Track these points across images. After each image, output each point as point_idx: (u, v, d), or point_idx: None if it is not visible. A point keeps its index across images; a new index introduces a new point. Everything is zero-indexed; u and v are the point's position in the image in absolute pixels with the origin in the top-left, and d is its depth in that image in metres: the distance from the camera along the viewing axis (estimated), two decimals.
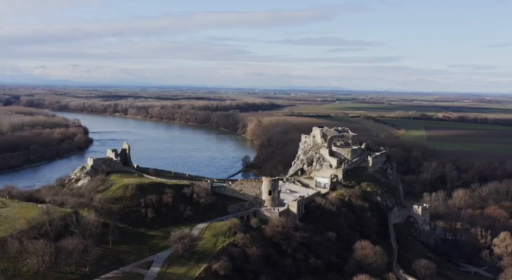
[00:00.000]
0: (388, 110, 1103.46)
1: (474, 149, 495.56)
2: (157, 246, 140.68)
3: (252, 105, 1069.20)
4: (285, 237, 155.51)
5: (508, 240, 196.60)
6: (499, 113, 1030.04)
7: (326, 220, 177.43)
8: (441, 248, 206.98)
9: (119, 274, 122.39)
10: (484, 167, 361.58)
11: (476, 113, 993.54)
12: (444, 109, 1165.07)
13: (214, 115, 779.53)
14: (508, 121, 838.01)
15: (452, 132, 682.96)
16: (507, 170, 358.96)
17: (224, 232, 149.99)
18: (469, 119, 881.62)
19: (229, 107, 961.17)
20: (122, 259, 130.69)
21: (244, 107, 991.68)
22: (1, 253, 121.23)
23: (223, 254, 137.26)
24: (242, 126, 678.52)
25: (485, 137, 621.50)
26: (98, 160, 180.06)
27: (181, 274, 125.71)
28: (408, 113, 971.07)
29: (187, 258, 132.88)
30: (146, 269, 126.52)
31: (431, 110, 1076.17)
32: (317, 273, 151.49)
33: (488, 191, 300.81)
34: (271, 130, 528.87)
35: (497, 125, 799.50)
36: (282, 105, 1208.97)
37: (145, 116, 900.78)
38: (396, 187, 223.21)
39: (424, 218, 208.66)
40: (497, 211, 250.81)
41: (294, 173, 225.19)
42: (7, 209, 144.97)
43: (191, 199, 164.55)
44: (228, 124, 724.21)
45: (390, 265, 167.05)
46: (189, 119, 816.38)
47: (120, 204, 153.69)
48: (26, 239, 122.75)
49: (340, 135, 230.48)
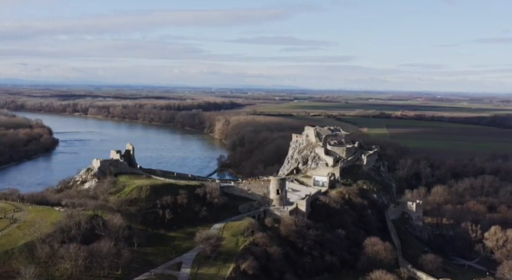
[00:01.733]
0: (346, 108, 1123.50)
1: (438, 147, 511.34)
2: (180, 247, 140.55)
3: (213, 104, 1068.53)
4: (299, 236, 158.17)
5: (499, 233, 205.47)
6: (453, 111, 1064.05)
7: (332, 218, 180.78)
8: (435, 243, 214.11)
9: (152, 276, 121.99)
10: (455, 164, 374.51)
11: (430, 111, 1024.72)
12: (400, 107, 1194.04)
13: (178, 115, 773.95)
14: (463, 119, 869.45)
15: (412, 130, 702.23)
16: (477, 166, 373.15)
17: (242, 231, 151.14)
18: (426, 118, 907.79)
19: (191, 107, 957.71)
20: (150, 261, 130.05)
21: (206, 107, 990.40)
22: (30, 258, 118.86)
23: (246, 253, 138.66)
24: (209, 125, 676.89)
25: (446, 135, 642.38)
26: (105, 162, 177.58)
27: (212, 274, 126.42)
28: (368, 112, 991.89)
29: (214, 258, 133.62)
30: (176, 270, 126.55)
31: (388, 109, 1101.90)
32: (333, 270, 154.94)
33: (464, 187, 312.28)
34: (242, 130, 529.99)
35: (453, 123, 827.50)
36: (242, 104, 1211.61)
37: (107, 116, 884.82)
38: (389, 184, 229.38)
39: (418, 214, 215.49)
40: (476, 206, 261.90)
41: (290, 172, 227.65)
42: (22, 213, 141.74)
43: (204, 199, 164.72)
44: (193, 123, 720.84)
45: (396, 261, 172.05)
46: (153, 119, 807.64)
47: (136, 206, 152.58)
48: (55, 243, 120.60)
49: (333, 134, 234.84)
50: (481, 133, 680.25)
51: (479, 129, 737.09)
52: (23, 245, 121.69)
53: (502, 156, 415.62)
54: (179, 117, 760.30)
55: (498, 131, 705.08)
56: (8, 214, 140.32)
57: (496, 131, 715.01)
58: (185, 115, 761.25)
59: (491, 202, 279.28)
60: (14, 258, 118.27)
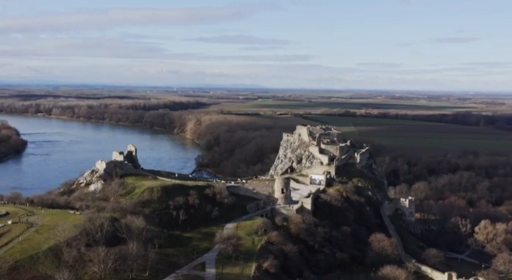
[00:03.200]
0: (311, 107, 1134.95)
1: (407, 145, 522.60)
2: (198, 247, 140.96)
3: (179, 104, 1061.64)
4: (310, 233, 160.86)
5: (489, 227, 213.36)
6: (414, 109, 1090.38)
7: (335, 216, 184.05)
8: (427, 237, 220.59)
9: (179, 277, 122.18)
10: (430, 161, 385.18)
11: (393, 109, 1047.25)
12: (363, 105, 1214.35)
13: (147, 115, 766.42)
14: (426, 117, 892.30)
15: (378, 128, 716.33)
16: (451, 163, 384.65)
17: (255, 231, 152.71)
18: (391, 115, 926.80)
19: (157, 106, 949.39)
20: (174, 262, 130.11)
21: (172, 106, 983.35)
22: (57, 262, 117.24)
23: (264, 252, 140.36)
24: (180, 125, 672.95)
25: (411, 132, 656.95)
26: (110, 163, 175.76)
27: (237, 274, 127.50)
28: (333, 110, 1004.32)
29: (236, 258, 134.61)
30: (202, 271, 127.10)
31: (351, 107, 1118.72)
32: (344, 266, 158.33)
33: (443, 183, 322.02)
34: (216, 129, 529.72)
35: (416, 121, 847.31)
36: (207, 103, 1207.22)
37: (72, 116, 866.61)
38: (381, 181, 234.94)
39: (410, 210, 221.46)
40: (457, 201, 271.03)
41: (285, 172, 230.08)
42: (36, 217, 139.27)
43: (214, 199, 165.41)
44: (163, 123, 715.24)
45: (399, 256, 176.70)
46: (120, 119, 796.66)
47: (149, 207, 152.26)
48: (82, 246, 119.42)
49: (326, 133, 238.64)
50: (444, 130, 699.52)
51: (443, 126, 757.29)
52: (47, 249, 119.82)
53: (472, 152, 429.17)
54: (148, 117, 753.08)
55: (461, 128, 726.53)
56: (21, 218, 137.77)
57: (459, 128, 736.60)
58: (154, 115, 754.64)
59: (470, 197, 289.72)
60: (40, 262, 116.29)
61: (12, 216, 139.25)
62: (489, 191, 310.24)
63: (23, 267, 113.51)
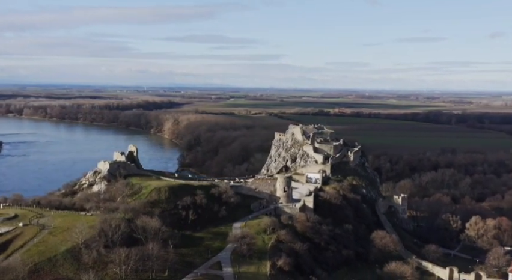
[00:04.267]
0: (284, 106, 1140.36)
1: (384, 143, 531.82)
2: (211, 246, 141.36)
3: (152, 103, 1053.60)
4: (315, 231, 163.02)
5: (480, 223, 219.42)
6: (386, 108, 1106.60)
7: (335, 213, 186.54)
8: (420, 234, 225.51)
9: (198, 277, 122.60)
10: (412, 159, 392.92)
11: (366, 108, 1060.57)
12: (335, 104, 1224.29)
13: (122, 114, 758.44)
14: (400, 115, 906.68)
15: (353, 126, 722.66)
16: (432, 160, 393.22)
17: (263, 229, 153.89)
18: (364, 114, 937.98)
19: (130, 106, 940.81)
20: (190, 262, 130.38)
21: (146, 106, 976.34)
22: (76, 264, 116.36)
23: (276, 251, 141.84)
24: (157, 125, 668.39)
25: (386, 131, 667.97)
26: (113, 164, 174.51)
27: (254, 272, 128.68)
28: (307, 110, 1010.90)
29: (250, 257, 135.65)
30: (219, 270, 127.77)
31: (324, 106, 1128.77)
32: (350, 263, 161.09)
33: (427, 181, 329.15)
34: (196, 129, 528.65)
35: (390, 120, 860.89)
36: (180, 103, 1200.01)
37: (44, 116, 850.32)
38: (374, 179, 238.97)
39: (403, 207, 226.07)
40: (443, 198, 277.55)
41: (279, 171, 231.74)
42: (47, 219, 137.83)
43: (220, 199, 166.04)
44: (139, 123, 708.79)
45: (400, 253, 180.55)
46: (95, 119, 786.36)
47: (158, 208, 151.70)
48: (101, 248, 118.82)
49: (319, 132, 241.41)
50: (418, 128, 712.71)
51: (416, 125, 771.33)
52: (65, 251, 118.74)
53: (450, 150, 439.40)
54: (124, 117, 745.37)
55: (434, 127, 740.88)
56: (32, 220, 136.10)
57: (432, 126, 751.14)
58: (130, 115, 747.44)
59: (453, 194, 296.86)
60: (59, 265, 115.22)
61: (21, 218, 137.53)
62: (471, 188, 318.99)
63: (42, 270, 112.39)
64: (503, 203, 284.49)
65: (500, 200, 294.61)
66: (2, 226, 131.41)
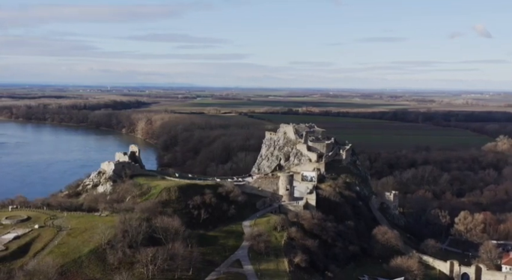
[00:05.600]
0: (253, 105, 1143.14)
1: (356, 141, 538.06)
2: (226, 245, 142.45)
3: (120, 103, 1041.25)
4: (322, 229, 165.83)
5: (469, 217, 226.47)
6: (353, 107, 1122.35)
7: (335, 210, 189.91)
8: (411, 229, 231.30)
9: (221, 275, 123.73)
10: (390, 157, 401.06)
11: (331, 107, 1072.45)
12: (302, 103, 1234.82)
13: (92, 114, 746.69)
14: (368, 114, 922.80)
15: (325, 125, 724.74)
16: (409, 158, 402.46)
17: (273, 227, 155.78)
18: (333, 113, 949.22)
19: (98, 106, 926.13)
20: (210, 260, 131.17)
21: (114, 105, 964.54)
22: (102, 265, 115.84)
23: (289, 248, 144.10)
24: (129, 125, 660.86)
25: (356, 129, 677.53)
26: (119, 164, 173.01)
27: (274, 269, 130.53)
28: (276, 109, 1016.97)
29: (267, 254, 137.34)
30: (240, 268, 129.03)
31: (291, 105, 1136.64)
32: (356, 259, 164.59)
33: (408, 177, 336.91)
34: (172, 129, 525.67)
35: (358, 118, 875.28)
36: (147, 102, 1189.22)
37: (10, 117, 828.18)
38: (366, 177, 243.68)
39: (395, 203, 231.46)
40: (426, 194, 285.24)
41: (273, 169, 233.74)
42: (61, 220, 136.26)
43: (227, 198, 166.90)
44: (110, 123, 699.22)
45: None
46: (63, 119, 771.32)
47: (170, 207, 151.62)
48: (126, 248, 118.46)
49: (311, 131, 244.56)
50: (388, 127, 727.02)
51: (385, 123, 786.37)
52: (89, 252, 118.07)
53: (424, 148, 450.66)
54: (94, 117, 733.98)
55: (402, 125, 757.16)
56: (46, 221, 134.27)
57: (400, 125, 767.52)
58: (100, 115, 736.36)
59: (434, 190, 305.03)
60: (85, 266, 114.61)
61: (35, 220, 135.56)
62: (450, 184, 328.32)
63: (69, 271, 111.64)
64: (483, 199, 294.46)
65: (480, 195, 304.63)
66: (18, 229, 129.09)
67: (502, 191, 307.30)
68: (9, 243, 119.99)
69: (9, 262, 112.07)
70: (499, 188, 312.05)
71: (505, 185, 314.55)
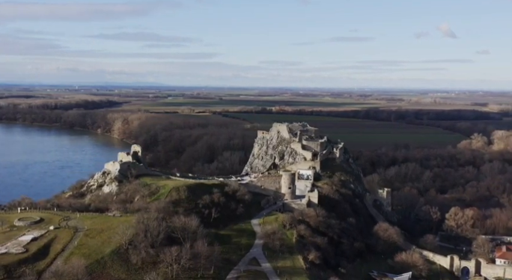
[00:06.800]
0: (226, 105, 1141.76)
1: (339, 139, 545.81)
2: (240, 243, 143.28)
3: (91, 103, 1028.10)
4: (327, 226, 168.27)
5: (460, 213, 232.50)
6: (325, 106, 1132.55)
7: (334, 208, 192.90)
8: (404, 225, 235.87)
9: (242, 273, 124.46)
10: (371, 155, 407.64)
11: (303, 106, 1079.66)
12: (274, 103, 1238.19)
13: (66, 114, 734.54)
14: (341, 113, 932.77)
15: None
16: (389, 156, 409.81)
17: (282, 225, 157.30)
18: (306, 112, 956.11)
19: (69, 106, 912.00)
20: (227, 259, 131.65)
21: (86, 105, 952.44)
22: (125, 265, 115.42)
23: (300, 245, 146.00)
24: (105, 125, 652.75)
25: (331, 128, 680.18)
26: (124, 164, 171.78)
27: (291, 266, 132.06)
28: (250, 108, 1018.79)
29: (282, 252, 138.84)
30: (258, 266, 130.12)
31: (264, 105, 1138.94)
32: (362, 255, 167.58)
33: (391, 175, 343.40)
34: (151, 128, 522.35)
35: (332, 117, 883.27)
36: (119, 102, 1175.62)
37: None
38: (358, 174, 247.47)
39: (388, 200, 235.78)
40: (411, 191, 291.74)
41: (268, 168, 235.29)
42: (75, 221, 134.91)
43: (234, 197, 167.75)
44: (85, 123, 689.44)
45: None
46: (35, 119, 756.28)
47: (181, 207, 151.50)
48: (148, 248, 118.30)
49: (305, 130, 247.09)
50: (362, 125, 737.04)
51: (358, 122, 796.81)
52: (111, 253, 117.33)
53: (403, 145, 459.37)
54: (67, 117, 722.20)
55: (376, 124, 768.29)
56: (61, 223, 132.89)
57: (374, 123, 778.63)
58: (74, 115, 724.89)
59: (418, 187, 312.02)
60: (108, 266, 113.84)
61: (48, 222, 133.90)
62: (433, 181, 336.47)
63: (94, 272, 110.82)
64: (466, 195, 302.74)
65: (462, 192, 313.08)
66: (33, 230, 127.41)
67: (483, 187, 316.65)
68: (27, 244, 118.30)
69: (31, 264, 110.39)
70: (480, 185, 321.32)
71: (486, 182, 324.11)
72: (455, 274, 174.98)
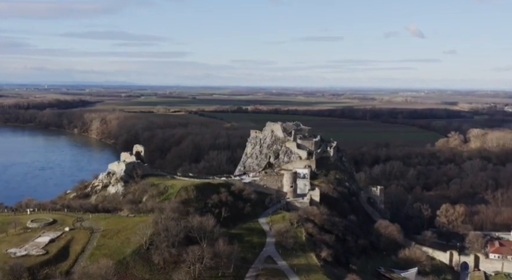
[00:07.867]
0: (202, 104, 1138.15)
1: None
2: (253, 242, 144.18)
3: (64, 102, 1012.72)
4: (332, 224, 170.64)
5: (451, 210, 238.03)
6: (300, 105, 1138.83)
7: (334, 206, 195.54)
8: (397, 223, 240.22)
9: (260, 271, 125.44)
10: (355, 153, 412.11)
11: (278, 105, 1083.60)
12: (248, 102, 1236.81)
13: (41, 114, 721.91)
14: (317, 112, 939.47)
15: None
16: (372, 154, 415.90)
17: (289, 223, 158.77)
18: (282, 111, 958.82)
19: (42, 105, 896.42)
20: (243, 257, 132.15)
21: (58, 105, 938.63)
22: (147, 265, 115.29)
23: (310, 243, 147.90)
24: (82, 125, 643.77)
25: (313, 127, 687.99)
26: (129, 165, 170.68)
27: (305, 264, 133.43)
28: (226, 107, 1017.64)
29: (295, 249, 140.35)
30: (274, 264, 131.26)
31: (239, 104, 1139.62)
32: (366, 252, 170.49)
33: (377, 173, 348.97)
34: (132, 128, 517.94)
35: (308, 116, 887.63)
36: (91, 101, 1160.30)
37: None
38: (352, 173, 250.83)
39: (381, 198, 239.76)
40: (398, 189, 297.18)
41: (264, 167, 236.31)
42: (89, 222, 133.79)
43: (241, 196, 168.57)
44: (61, 123, 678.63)
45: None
46: (9, 119, 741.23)
47: (191, 206, 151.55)
48: (171, 248, 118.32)
49: (299, 129, 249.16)
50: (338, 124, 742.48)
51: (335, 121, 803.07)
52: (132, 253, 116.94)
53: (384, 144, 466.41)
54: (42, 116, 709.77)
55: (352, 122, 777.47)
56: (75, 224, 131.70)
57: (350, 122, 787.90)
58: (49, 114, 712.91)
59: (403, 185, 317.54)
60: (131, 267, 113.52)
61: (62, 223, 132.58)
62: (417, 179, 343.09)
63: (118, 273, 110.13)
64: (450, 192, 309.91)
65: (446, 189, 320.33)
66: (48, 232, 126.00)
67: (467, 185, 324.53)
68: (46, 246, 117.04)
69: (53, 265, 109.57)
70: (463, 182, 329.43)
71: (469, 180, 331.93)
72: (455, 269, 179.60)
